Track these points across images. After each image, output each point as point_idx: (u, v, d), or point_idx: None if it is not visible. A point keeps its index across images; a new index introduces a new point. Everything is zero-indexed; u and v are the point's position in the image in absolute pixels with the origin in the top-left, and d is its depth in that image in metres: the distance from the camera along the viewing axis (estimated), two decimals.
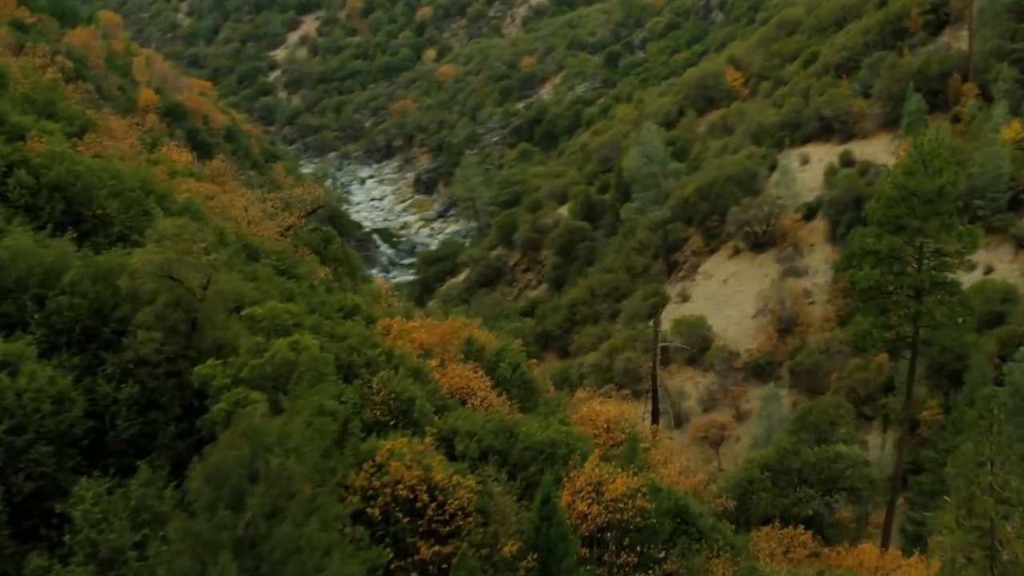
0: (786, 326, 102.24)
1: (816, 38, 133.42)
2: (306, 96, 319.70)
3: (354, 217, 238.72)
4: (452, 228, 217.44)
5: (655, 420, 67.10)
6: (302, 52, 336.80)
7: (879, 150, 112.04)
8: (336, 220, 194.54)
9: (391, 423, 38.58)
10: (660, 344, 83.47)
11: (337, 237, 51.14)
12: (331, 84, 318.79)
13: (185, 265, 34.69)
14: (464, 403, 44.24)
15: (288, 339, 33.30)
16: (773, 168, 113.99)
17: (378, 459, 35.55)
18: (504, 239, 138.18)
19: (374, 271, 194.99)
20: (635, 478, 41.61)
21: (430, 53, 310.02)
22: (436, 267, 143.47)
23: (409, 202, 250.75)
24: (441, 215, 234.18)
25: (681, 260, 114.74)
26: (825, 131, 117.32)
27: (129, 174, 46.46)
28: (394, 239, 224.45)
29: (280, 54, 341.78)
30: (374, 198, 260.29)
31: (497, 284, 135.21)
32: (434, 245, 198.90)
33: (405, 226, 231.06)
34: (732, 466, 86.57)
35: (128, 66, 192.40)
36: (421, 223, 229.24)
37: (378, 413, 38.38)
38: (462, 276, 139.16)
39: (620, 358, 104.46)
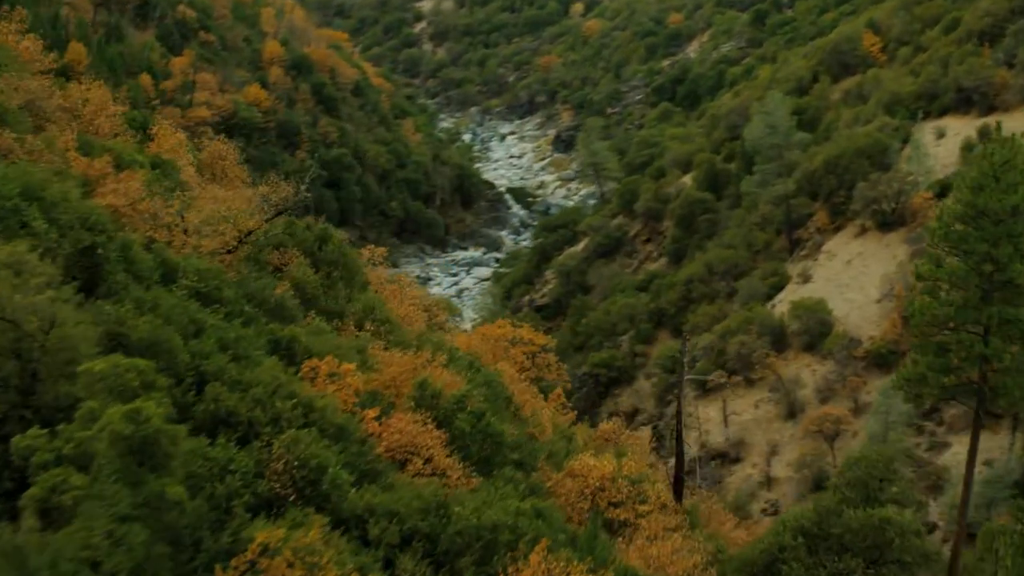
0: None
1: (960, 2, 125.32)
2: (451, 49, 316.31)
3: (489, 175, 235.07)
4: (587, 190, 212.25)
5: (678, 480, 56.09)
6: (448, 4, 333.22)
7: (1022, 125, 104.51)
8: (465, 179, 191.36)
9: (292, 499, 31.86)
10: (692, 376, 76.41)
11: (336, 236, 45.33)
12: (476, 37, 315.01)
13: (20, 304, 28.56)
14: (404, 466, 36.54)
15: (126, 407, 26.33)
16: (906, 141, 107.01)
17: (248, 555, 28.22)
18: (626, 208, 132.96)
19: (504, 232, 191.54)
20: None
21: (577, 7, 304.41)
22: (555, 235, 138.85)
23: (548, 161, 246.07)
24: (578, 175, 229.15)
25: (804, 237, 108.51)
26: (964, 103, 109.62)
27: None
28: (529, 199, 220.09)
29: (426, 5, 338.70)
30: (513, 155, 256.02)
31: (616, 255, 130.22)
32: (570, 205, 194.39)
33: (542, 186, 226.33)
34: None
35: (256, 16, 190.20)
36: (558, 183, 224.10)
37: (277, 486, 31.69)
38: (581, 245, 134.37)
39: (733, 341, 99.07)
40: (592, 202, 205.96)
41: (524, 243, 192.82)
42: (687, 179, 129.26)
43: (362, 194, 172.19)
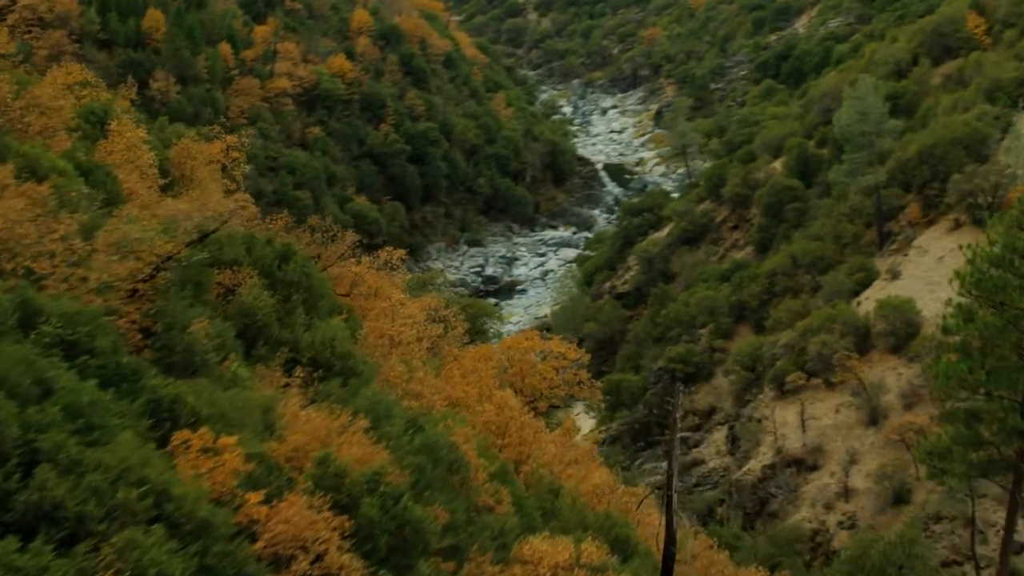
0: None
1: None
2: (555, 19, 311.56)
3: (588, 151, 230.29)
4: (684, 169, 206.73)
5: (667, 558, 42.91)
6: None
7: None
8: (557, 156, 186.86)
9: None
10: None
11: (298, 254, 39.68)
12: (582, 7, 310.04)
13: None
14: (287, 567, 27.89)
15: None
16: (1006, 131, 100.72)
17: None
18: (713, 193, 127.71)
19: (596, 211, 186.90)
20: None
21: None
22: (639, 219, 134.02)
23: (647, 136, 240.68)
24: (679, 153, 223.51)
25: (895, 231, 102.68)
26: None
27: None
28: (626, 176, 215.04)
29: None
30: (613, 130, 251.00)
31: (701, 242, 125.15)
32: (667, 185, 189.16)
33: (640, 163, 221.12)
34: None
35: None
36: (657, 160, 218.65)
37: None
38: (665, 231, 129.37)
39: (815, 341, 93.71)
40: (688, 180, 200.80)
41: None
42: (777, 164, 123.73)
43: (448, 170, 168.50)
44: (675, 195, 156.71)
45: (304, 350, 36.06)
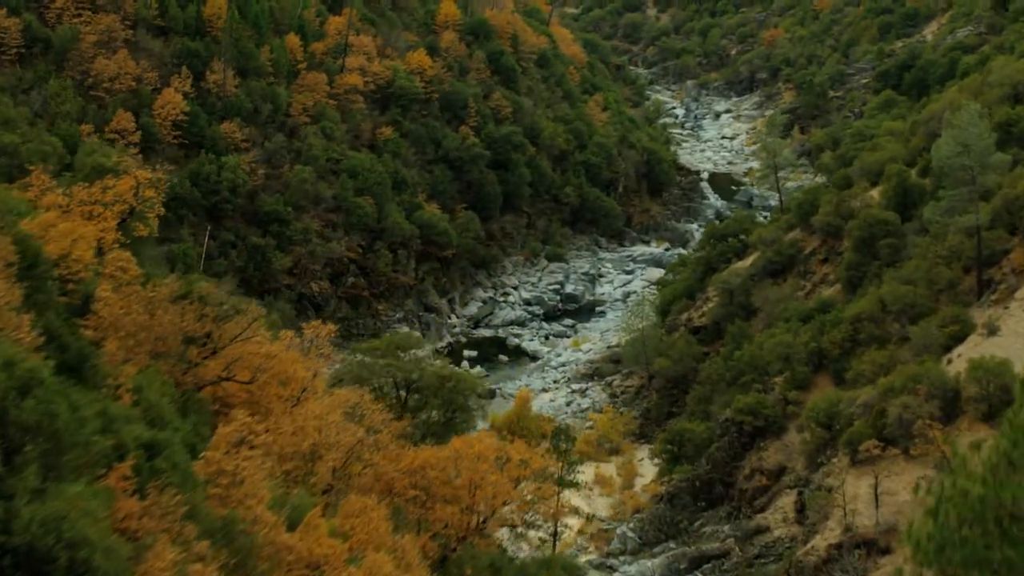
0: None
1: None
2: (674, 15, 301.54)
3: (695, 157, 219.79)
4: (794, 183, 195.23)
5: None
6: None
7: None
8: (655, 164, 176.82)
9: None
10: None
11: (48, 382, 27.96)
12: (703, 4, 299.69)
13: None
14: None
15: None
16: None
17: None
18: (803, 220, 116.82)
19: (694, 226, 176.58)
20: None
21: None
22: (723, 245, 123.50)
23: (759, 145, 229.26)
24: (791, 164, 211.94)
25: (996, 279, 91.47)
26: None
27: None
28: (732, 187, 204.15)
29: None
30: (725, 136, 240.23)
31: (788, 274, 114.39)
32: (773, 199, 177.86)
33: (749, 172, 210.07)
34: None
35: None
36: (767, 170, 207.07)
37: None
38: (749, 260, 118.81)
39: (896, 403, 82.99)
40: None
41: None
42: (875, 193, 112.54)
43: (533, 177, 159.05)
44: (768, 215, 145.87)
45: (18, 533, 25.06)
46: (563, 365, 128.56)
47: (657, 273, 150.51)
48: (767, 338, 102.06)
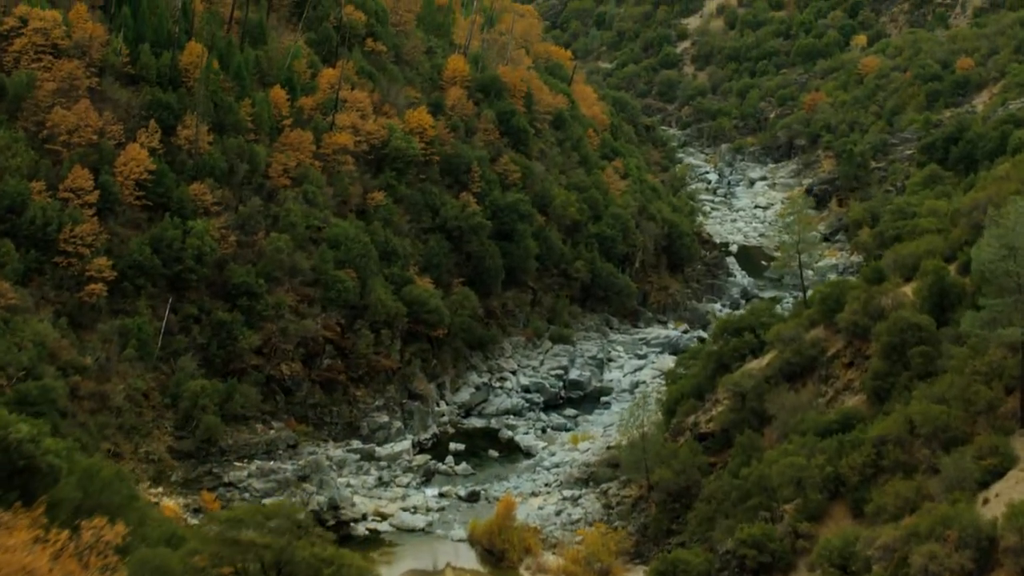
0: None
1: None
2: (712, 74, 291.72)
3: (725, 228, 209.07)
4: (829, 260, 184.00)
5: None
6: (717, 23, 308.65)
7: None
8: (676, 238, 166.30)
9: None
10: None
11: None
12: (742, 64, 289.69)
13: None
14: None
15: None
16: None
17: None
18: (827, 317, 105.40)
19: (716, 306, 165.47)
20: None
21: (860, 39, 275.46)
22: (737, 340, 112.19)
23: (793, 217, 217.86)
24: (826, 239, 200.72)
25: None
26: None
27: None
28: (762, 262, 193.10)
29: (693, 23, 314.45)
30: (758, 205, 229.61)
31: (808, 378, 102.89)
32: (810, 275, 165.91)
33: (781, 247, 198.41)
34: None
35: (447, 25, 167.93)
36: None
37: None
38: (766, 359, 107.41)
39: (921, 551, 71.71)
40: (833, 276, 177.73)
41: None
42: (908, 290, 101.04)
43: (540, 249, 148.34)
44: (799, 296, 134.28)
45: None
46: (557, 466, 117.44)
47: (670, 361, 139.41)
48: (779, 456, 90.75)
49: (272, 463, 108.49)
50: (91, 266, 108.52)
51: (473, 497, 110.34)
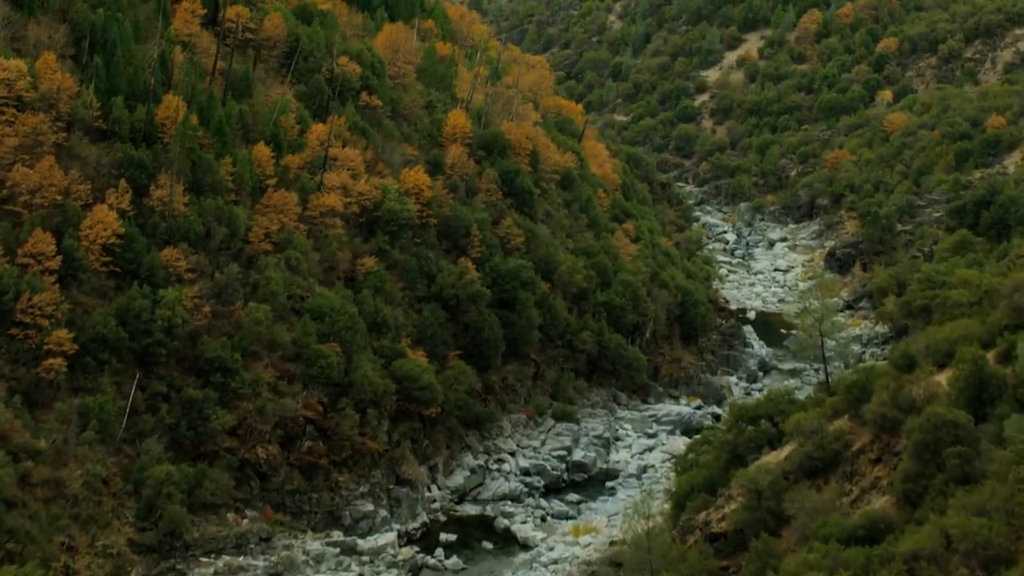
0: None
1: None
2: (731, 129, 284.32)
3: (743, 292, 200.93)
4: (852, 330, 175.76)
5: None
6: (737, 76, 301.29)
7: None
8: (690, 307, 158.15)
9: None
10: None
11: None
12: (763, 119, 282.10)
13: None
14: None
15: None
16: None
17: None
18: (853, 407, 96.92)
19: (732, 379, 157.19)
20: None
21: (885, 94, 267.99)
22: (753, 430, 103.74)
23: (816, 281, 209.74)
24: (849, 306, 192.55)
25: None
26: None
27: None
28: (781, 331, 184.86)
29: (712, 75, 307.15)
30: (778, 268, 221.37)
31: (831, 474, 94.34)
32: (831, 345, 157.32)
33: (801, 314, 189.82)
34: None
35: (449, 78, 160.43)
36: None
37: None
38: (785, 452, 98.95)
39: None
40: (859, 348, 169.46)
41: (759, 395, 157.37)
42: (942, 379, 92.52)
43: (544, 319, 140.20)
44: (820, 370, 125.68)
45: None
46: (556, 562, 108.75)
47: (681, 443, 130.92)
48: (800, 568, 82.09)
49: (242, 559, 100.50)
50: (50, 339, 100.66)
51: None
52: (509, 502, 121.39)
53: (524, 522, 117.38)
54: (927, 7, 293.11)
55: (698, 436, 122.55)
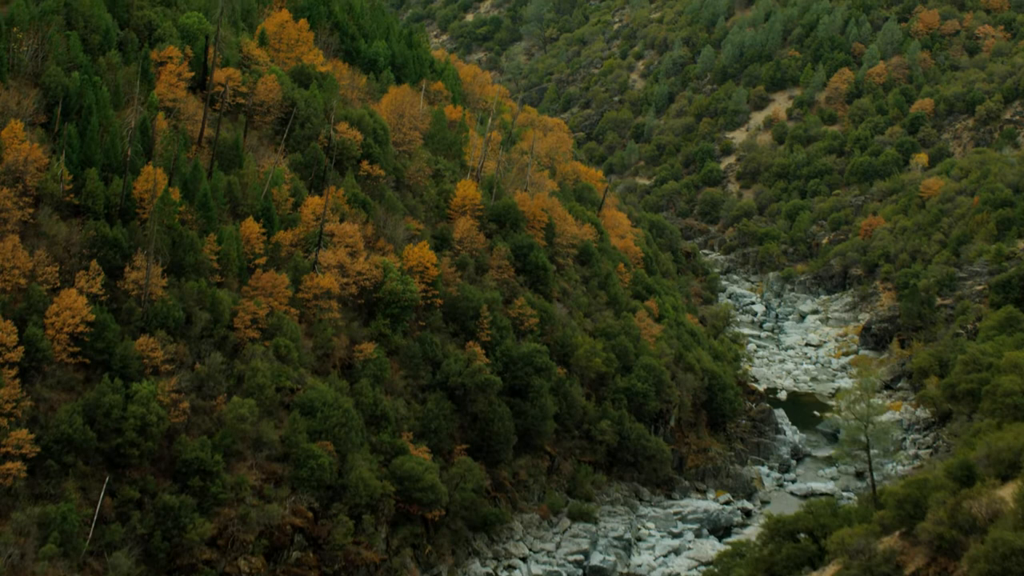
0: None
1: None
2: (759, 193, 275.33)
3: (772, 370, 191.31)
4: (891, 415, 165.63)
5: None
6: (765, 137, 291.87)
7: None
8: (717, 392, 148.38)
9: None
10: None
11: None
12: (792, 183, 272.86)
13: None
14: None
15: None
16: None
17: None
18: (905, 523, 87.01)
19: (763, 468, 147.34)
20: None
21: (920, 157, 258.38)
22: (791, 547, 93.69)
23: (851, 358, 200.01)
24: (888, 386, 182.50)
25: None
26: None
27: None
28: (815, 413, 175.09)
29: (738, 137, 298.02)
30: (810, 343, 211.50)
31: None
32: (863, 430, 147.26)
33: (836, 394, 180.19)
34: None
35: (459, 144, 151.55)
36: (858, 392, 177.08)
37: None
38: (828, 572, 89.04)
39: None
40: (899, 434, 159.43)
41: (792, 486, 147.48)
42: (1006, 493, 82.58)
43: (560, 408, 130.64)
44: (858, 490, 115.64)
45: None
46: None
47: (709, 545, 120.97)
48: None
49: None
50: (8, 440, 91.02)
51: None
52: None
53: None
54: (963, 66, 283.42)
55: (728, 545, 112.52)
